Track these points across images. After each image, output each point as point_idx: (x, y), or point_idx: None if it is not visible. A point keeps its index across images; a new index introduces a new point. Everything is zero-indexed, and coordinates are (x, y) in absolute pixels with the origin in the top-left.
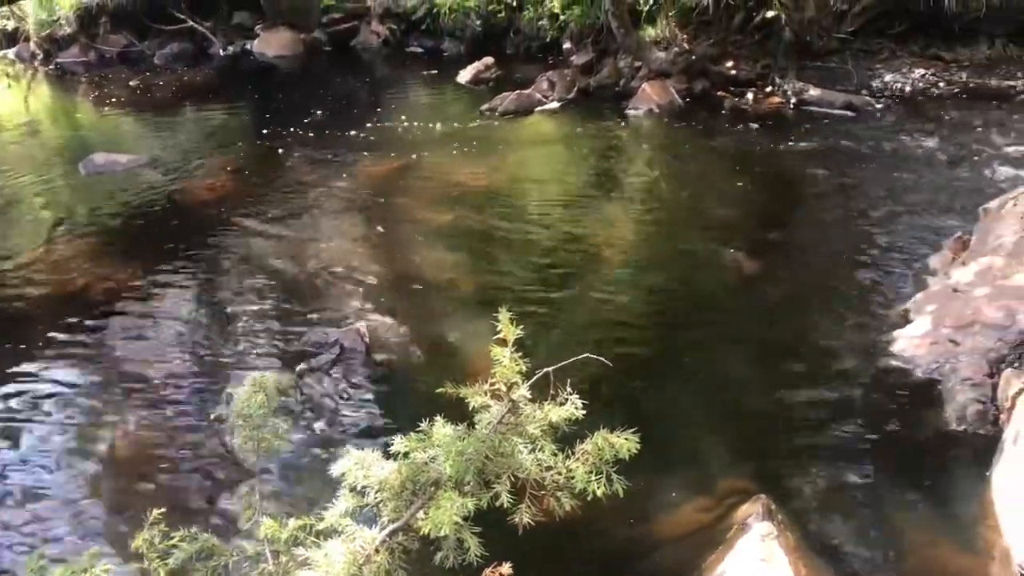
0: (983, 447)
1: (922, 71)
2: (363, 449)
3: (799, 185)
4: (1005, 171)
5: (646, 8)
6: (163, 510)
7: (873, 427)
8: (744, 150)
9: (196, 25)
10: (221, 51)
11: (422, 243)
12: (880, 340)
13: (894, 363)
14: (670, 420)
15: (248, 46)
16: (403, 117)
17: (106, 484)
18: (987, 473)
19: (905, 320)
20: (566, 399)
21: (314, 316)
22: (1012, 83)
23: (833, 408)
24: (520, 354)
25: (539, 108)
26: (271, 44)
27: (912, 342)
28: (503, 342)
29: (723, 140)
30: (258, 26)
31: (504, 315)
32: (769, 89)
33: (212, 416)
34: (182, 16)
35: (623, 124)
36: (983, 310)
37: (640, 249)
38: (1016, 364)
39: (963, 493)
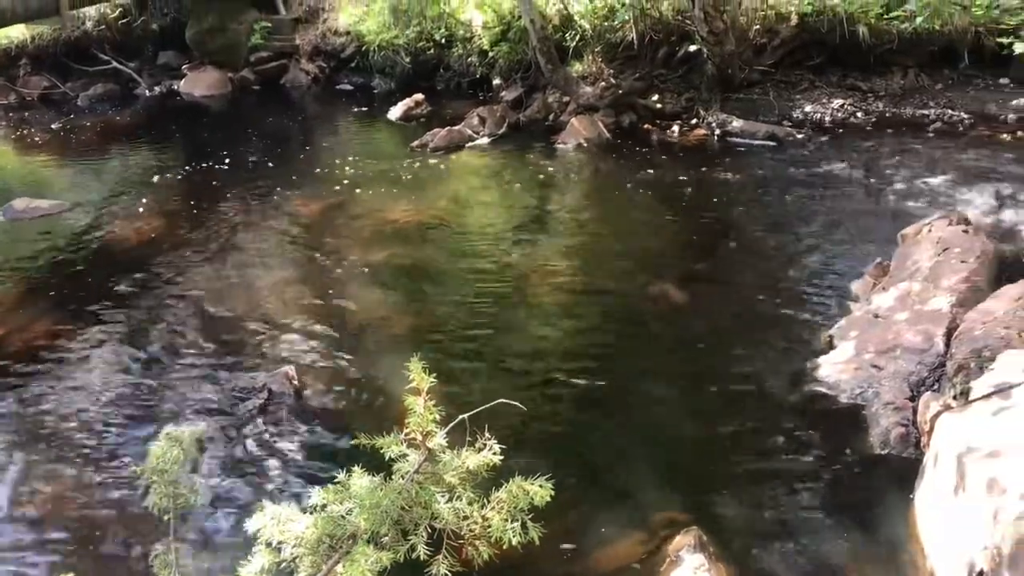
0: (906, 470)
1: (840, 101)
2: (284, 501)
3: (725, 215)
4: (921, 198)
5: (572, 44)
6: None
7: (801, 453)
8: (671, 182)
9: (120, 66)
10: (147, 92)
11: (354, 282)
12: (806, 367)
13: (820, 389)
14: (603, 454)
15: (175, 86)
16: (334, 155)
17: (11, 542)
18: (910, 496)
19: (829, 346)
20: (484, 444)
21: (243, 360)
22: (925, 112)
23: (762, 436)
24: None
25: (470, 144)
26: (198, 84)
27: (836, 368)
28: (416, 391)
29: (650, 172)
30: (184, 66)
31: (415, 365)
32: (694, 121)
33: (131, 471)
34: (106, 57)
35: (553, 158)
36: (903, 334)
37: (570, 283)
38: (935, 387)
39: (888, 516)
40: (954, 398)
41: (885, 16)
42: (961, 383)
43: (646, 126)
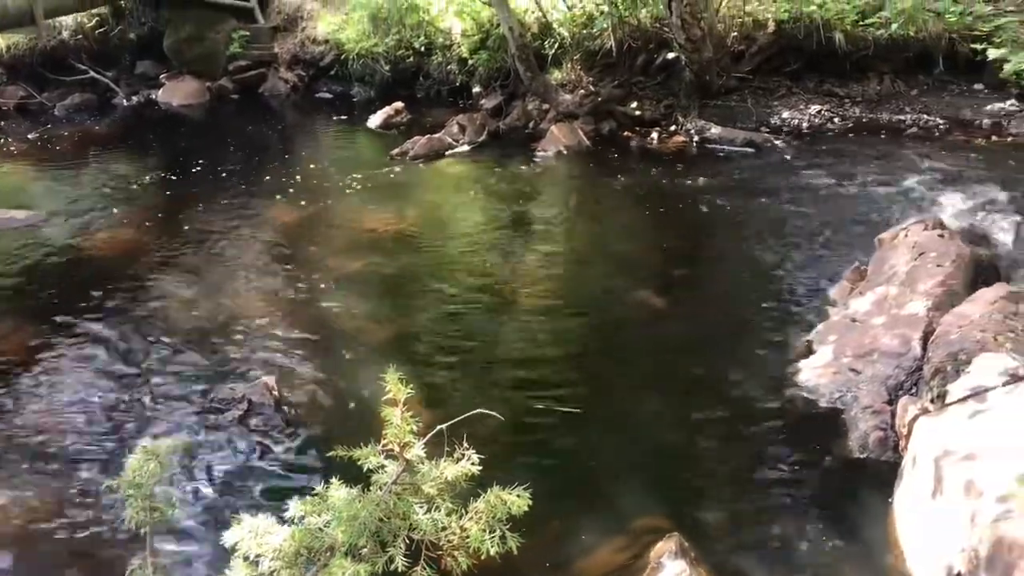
0: (885, 473)
1: (817, 107)
2: (264, 513)
3: (704, 221)
4: (898, 202)
5: (551, 52)
6: None
7: (781, 458)
8: (651, 188)
9: (97, 75)
10: (125, 101)
11: (333, 291)
12: (785, 371)
13: (799, 394)
14: (584, 462)
15: (153, 95)
16: (313, 163)
17: None
18: (889, 499)
19: (808, 351)
20: (463, 455)
21: (222, 371)
22: (901, 117)
23: (742, 441)
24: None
25: (450, 151)
26: (176, 93)
27: (815, 372)
28: (393, 402)
29: (630, 179)
30: (162, 75)
31: (392, 376)
32: (673, 128)
33: (106, 485)
34: (83, 67)
35: (533, 166)
36: (881, 338)
37: (551, 290)
38: (912, 391)
39: (868, 520)
40: (931, 401)
41: (861, 23)
42: (938, 386)
43: (625, 133)
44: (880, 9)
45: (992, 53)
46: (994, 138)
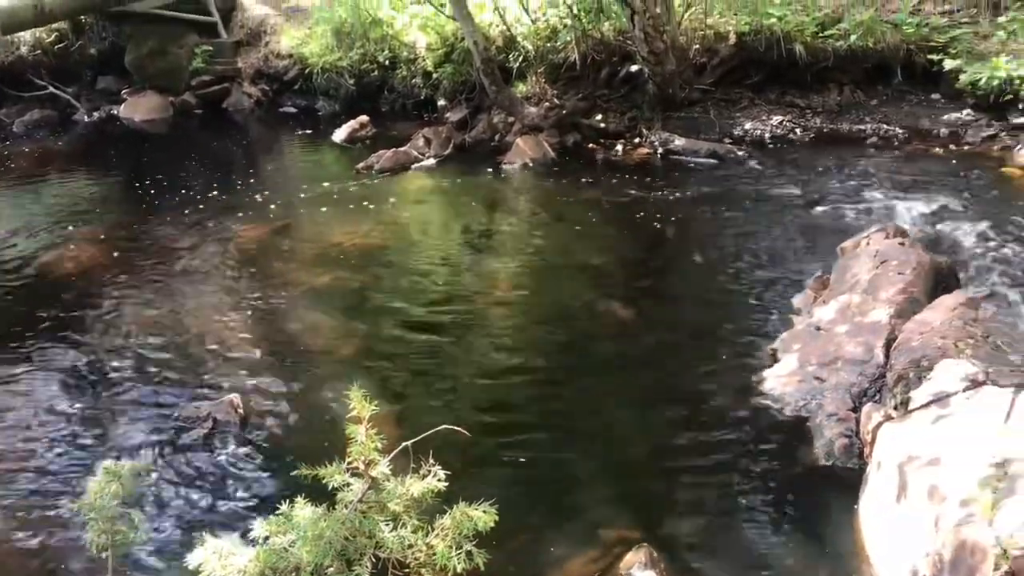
0: (851, 480)
1: (779, 118)
2: (229, 534)
3: (669, 232)
4: (859, 210)
5: (516, 65)
6: None
7: (748, 467)
8: (616, 200)
9: (57, 91)
10: (86, 117)
11: (300, 306)
12: (751, 380)
13: (765, 402)
14: (553, 475)
15: (114, 111)
16: (278, 178)
17: None
18: (855, 505)
19: (773, 359)
20: (429, 471)
21: (187, 389)
22: (862, 127)
23: (710, 451)
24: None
25: (416, 165)
26: (139, 108)
27: (780, 380)
28: (357, 419)
29: (596, 191)
30: (124, 90)
31: (355, 393)
32: (637, 140)
33: (67, 508)
34: (42, 82)
35: (499, 178)
36: (844, 346)
37: (518, 303)
38: (876, 398)
39: (834, 527)
40: (895, 408)
41: (820, 34)
42: (901, 393)
43: (590, 145)
44: (839, 21)
45: (948, 64)
46: (952, 147)
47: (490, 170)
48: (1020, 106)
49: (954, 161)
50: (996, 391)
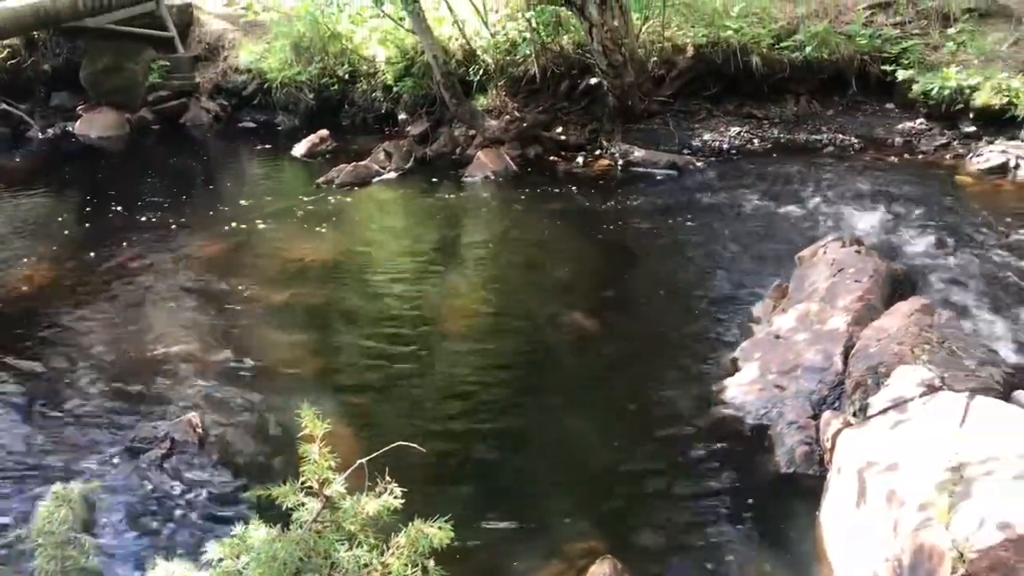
0: (812, 487)
1: (737, 129)
2: (185, 557)
3: (630, 243)
4: (817, 219)
5: (476, 78)
6: None
7: (711, 476)
8: (578, 212)
9: (10, 108)
10: (40, 134)
11: (259, 324)
12: (713, 389)
13: (727, 411)
14: (517, 488)
15: (69, 128)
16: (237, 194)
17: None
18: (817, 512)
19: (735, 368)
20: (385, 488)
21: (144, 410)
22: (818, 137)
23: (673, 461)
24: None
25: (377, 179)
26: (94, 125)
27: (742, 389)
28: (310, 439)
29: (557, 203)
30: (79, 107)
31: (307, 412)
32: (598, 152)
33: (15, 535)
34: None
35: (461, 191)
36: (804, 354)
37: (481, 316)
38: (835, 405)
39: (796, 534)
40: (853, 415)
41: (776, 46)
42: (859, 399)
43: (552, 158)
44: (794, 33)
45: (901, 75)
46: (906, 156)
47: (451, 183)
48: (971, 115)
49: (908, 170)
50: (951, 396)
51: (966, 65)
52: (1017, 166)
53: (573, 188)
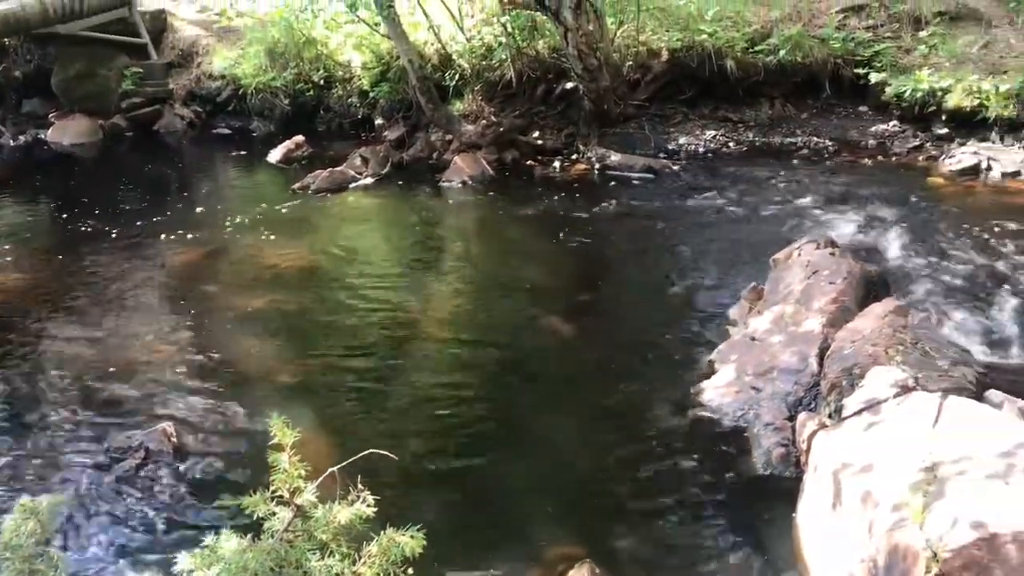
0: (788, 489)
1: (713, 132)
2: (155, 569)
3: (607, 247)
4: (792, 222)
5: (452, 83)
6: None
7: (688, 479)
8: (555, 216)
9: None
10: (11, 141)
11: (235, 331)
12: (690, 391)
13: (704, 413)
14: (495, 494)
15: (41, 135)
16: (212, 200)
17: None
18: (793, 514)
19: (711, 370)
20: (358, 496)
21: (118, 419)
22: (792, 140)
23: (651, 464)
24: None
25: (353, 184)
26: (67, 132)
27: (719, 392)
28: (279, 447)
29: (534, 207)
30: (51, 114)
31: (277, 420)
32: (575, 156)
33: None
34: None
35: (438, 196)
36: (779, 356)
37: (459, 321)
38: (811, 406)
39: (774, 536)
40: (829, 416)
41: (751, 50)
42: (834, 401)
43: (528, 162)
44: (768, 36)
45: (874, 77)
46: (879, 158)
47: (429, 188)
48: (943, 117)
49: (882, 172)
50: (925, 396)
51: (938, 68)
52: (988, 168)
53: (550, 192)
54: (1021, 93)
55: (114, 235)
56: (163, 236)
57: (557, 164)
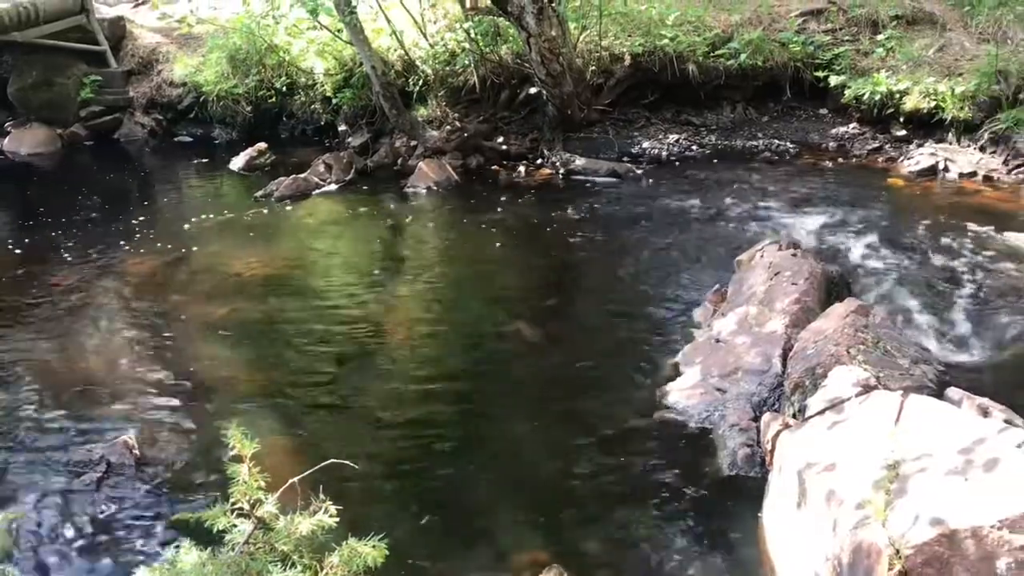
0: (754, 489)
1: (675, 136)
2: None
3: (573, 251)
4: (755, 224)
5: (416, 89)
6: None
7: (655, 481)
8: (520, 221)
9: None
10: None
11: (197, 341)
12: (656, 394)
13: (670, 416)
14: (462, 501)
15: None
16: (174, 209)
17: None
18: (759, 514)
19: (677, 372)
20: (319, 507)
21: (78, 432)
22: (754, 143)
23: (618, 467)
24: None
25: (317, 191)
26: (24, 141)
27: (684, 394)
28: (239, 459)
29: (500, 213)
30: (8, 123)
31: (235, 431)
32: (539, 161)
33: None
34: None
35: (403, 203)
36: (743, 357)
37: (425, 328)
38: (775, 406)
39: (741, 537)
40: (793, 416)
41: (712, 54)
42: (798, 401)
43: (493, 167)
44: (729, 40)
45: (833, 80)
46: (840, 160)
47: (393, 194)
48: (901, 119)
49: (843, 173)
50: (886, 395)
51: (895, 70)
52: (946, 168)
53: (515, 197)
54: (976, 95)
55: (74, 245)
56: (124, 246)
57: (522, 169)
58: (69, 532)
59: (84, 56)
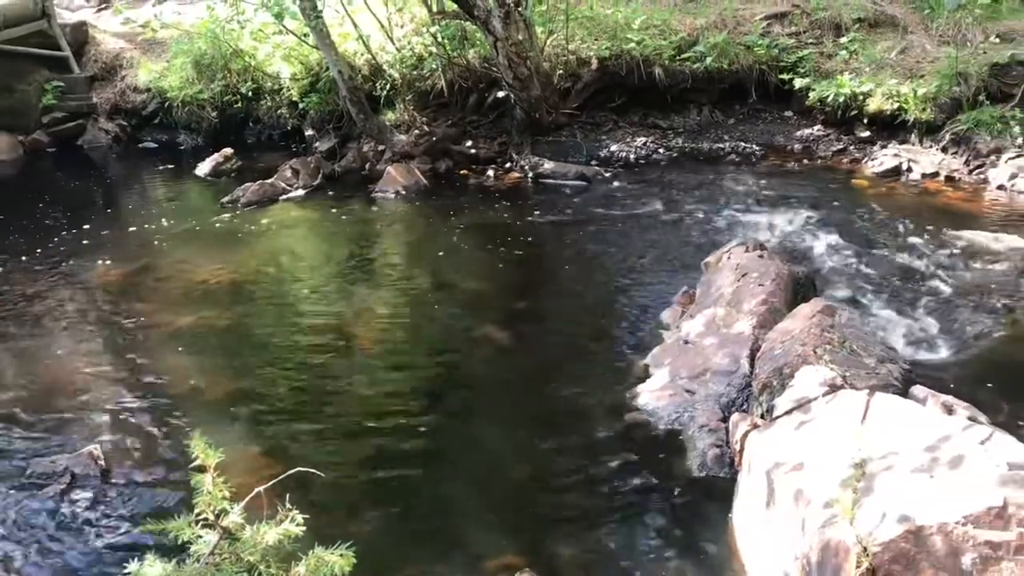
0: (724, 489)
1: (643, 139)
2: None
3: (542, 255)
4: (721, 225)
5: (383, 93)
6: None
7: (626, 483)
8: (489, 225)
9: None
10: None
11: (163, 349)
12: (625, 396)
13: (640, 417)
14: (434, 506)
15: None
16: (139, 216)
17: None
18: (729, 515)
19: (646, 374)
20: (286, 516)
21: (42, 443)
22: (721, 145)
23: (589, 469)
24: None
25: (284, 196)
26: None
27: (654, 395)
28: (202, 469)
29: (469, 217)
30: None
31: (198, 441)
32: (508, 165)
33: None
34: None
35: (371, 207)
36: (712, 358)
37: (394, 333)
38: (744, 407)
39: (711, 537)
40: (761, 416)
41: (678, 58)
42: (766, 401)
43: (462, 171)
44: (695, 44)
45: (798, 83)
46: (805, 161)
47: (361, 199)
48: (865, 121)
49: (808, 175)
50: (853, 394)
51: (858, 73)
52: (909, 169)
53: (484, 201)
54: (938, 96)
55: (37, 254)
56: (88, 254)
57: (491, 173)
58: (32, 545)
59: (46, 62)
